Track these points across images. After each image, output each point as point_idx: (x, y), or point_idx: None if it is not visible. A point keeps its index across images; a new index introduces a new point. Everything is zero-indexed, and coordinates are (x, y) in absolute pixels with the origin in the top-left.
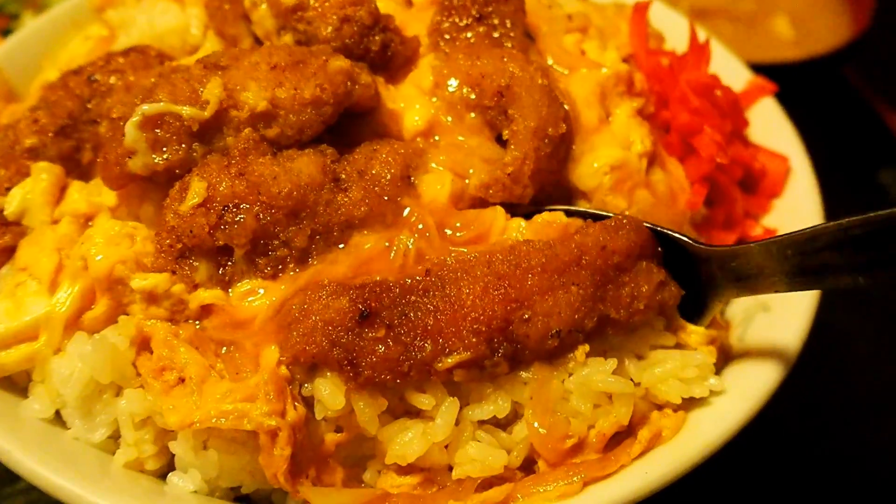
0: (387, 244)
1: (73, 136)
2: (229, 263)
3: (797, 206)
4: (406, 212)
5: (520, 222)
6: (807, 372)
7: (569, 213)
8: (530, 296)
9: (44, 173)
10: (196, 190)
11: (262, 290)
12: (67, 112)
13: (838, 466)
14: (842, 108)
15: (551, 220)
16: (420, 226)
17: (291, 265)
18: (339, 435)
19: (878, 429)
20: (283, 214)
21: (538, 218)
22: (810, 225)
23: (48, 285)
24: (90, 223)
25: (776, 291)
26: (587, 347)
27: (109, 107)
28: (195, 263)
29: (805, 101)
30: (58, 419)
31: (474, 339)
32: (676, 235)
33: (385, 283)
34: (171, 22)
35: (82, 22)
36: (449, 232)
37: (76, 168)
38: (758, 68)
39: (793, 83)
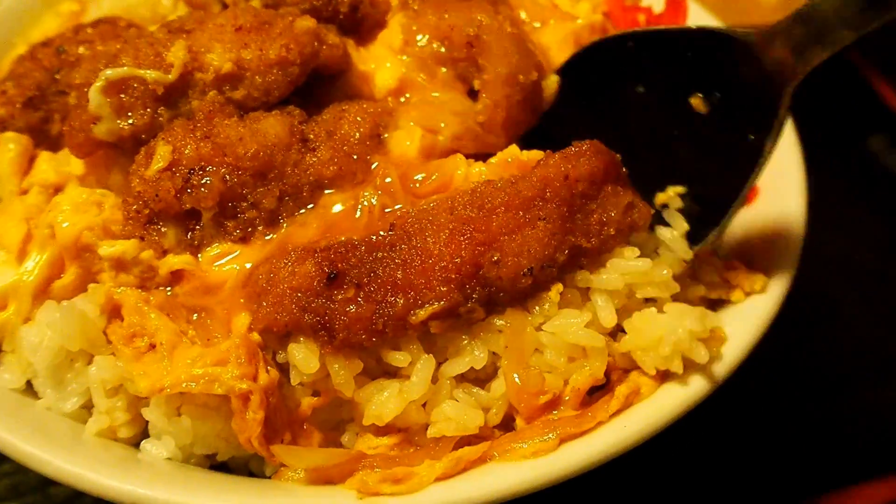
0: (353, 202)
1: (42, 108)
2: (197, 227)
3: (778, 164)
4: (373, 167)
5: (480, 166)
6: (793, 337)
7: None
8: (497, 236)
9: (11, 143)
10: (161, 154)
11: (232, 255)
12: (36, 83)
13: (825, 430)
14: (829, 74)
15: (507, 158)
16: (388, 180)
17: (261, 227)
18: (315, 399)
19: (866, 393)
20: (249, 175)
21: (494, 159)
22: (790, 181)
23: (16, 255)
24: (59, 193)
25: (847, 43)
26: (560, 287)
27: (74, 74)
28: (163, 229)
29: None
30: (30, 390)
31: (445, 289)
32: (729, 30)
33: (350, 242)
34: None
35: None
36: (412, 185)
37: (45, 139)
38: None
39: None
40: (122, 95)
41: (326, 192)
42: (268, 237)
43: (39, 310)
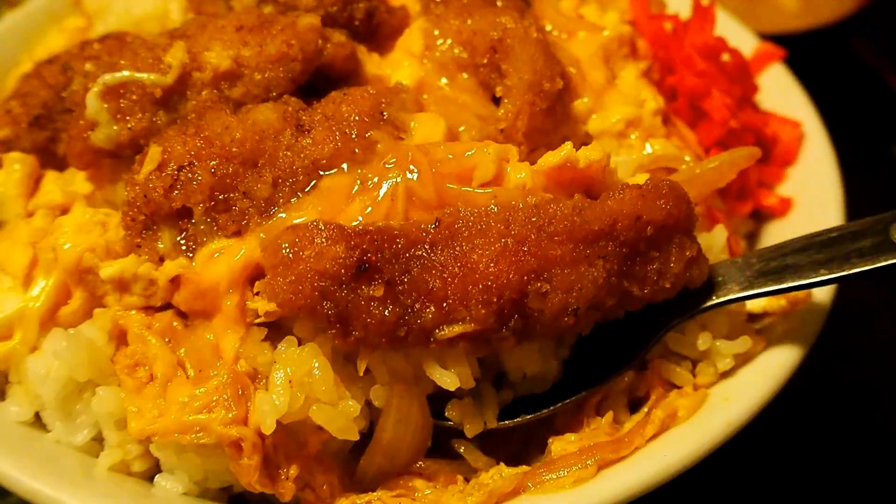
0: (359, 183)
1: (48, 127)
2: (190, 225)
3: (813, 174)
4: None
5: (527, 168)
6: (825, 351)
7: None
8: (551, 266)
9: (17, 164)
10: (151, 156)
11: (224, 251)
12: (41, 102)
13: (857, 449)
14: (851, 80)
15: (565, 161)
16: (410, 164)
17: (256, 218)
18: (323, 433)
19: None
20: (238, 164)
21: (550, 158)
22: (827, 193)
23: (22, 281)
24: (66, 214)
25: (726, 297)
26: None
27: (75, 84)
28: (159, 233)
29: (813, 72)
30: (38, 422)
31: (483, 311)
32: None
33: (389, 230)
34: (149, 7)
35: (60, 14)
36: (450, 171)
37: (52, 159)
38: (763, 39)
39: (799, 54)
40: (121, 100)
41: (326, 173)
42: (264, 225)
43: (46, 338)
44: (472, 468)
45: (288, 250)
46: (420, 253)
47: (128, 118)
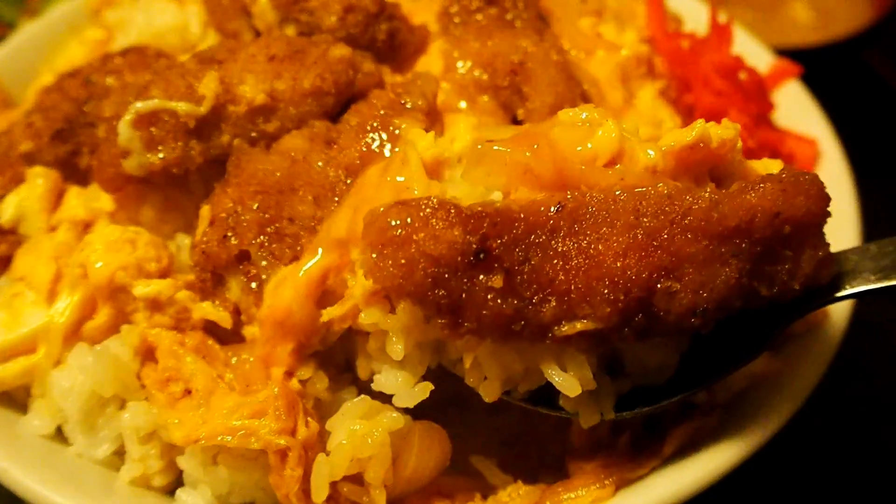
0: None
1: (70, 140)
2: (251, 266)
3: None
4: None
5: (654, 148)
6: (838, 366)
7: None
8: (683, 264)
9: (39, 178)
10: (202, 216)
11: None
12: (63, 115)
13: (870, 465)
14: (866, 94)
15: (698, 141)
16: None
17: (308, 237)
18: None
19: None
20: (277, 192)
21: (678, 137)
22: (842, 211)
23: (46, 295)
24: (89, 230)
25: (862, 287)
26: None
27: (103, 107)
28: (227, 284)
29: (827, 86)
30: (60, 435)
31: (608, 309)
32: None
33: (509, 212)
34: (169, 20)
35: (79, 25)
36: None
37: (74, 173)
38: (777, 54)
39: (814, 68)
40: (153, 129)
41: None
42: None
43: (71, 353)
44: (489, 485)
45: (399, 230)
46: (539, 240)
47: (160, 147)
